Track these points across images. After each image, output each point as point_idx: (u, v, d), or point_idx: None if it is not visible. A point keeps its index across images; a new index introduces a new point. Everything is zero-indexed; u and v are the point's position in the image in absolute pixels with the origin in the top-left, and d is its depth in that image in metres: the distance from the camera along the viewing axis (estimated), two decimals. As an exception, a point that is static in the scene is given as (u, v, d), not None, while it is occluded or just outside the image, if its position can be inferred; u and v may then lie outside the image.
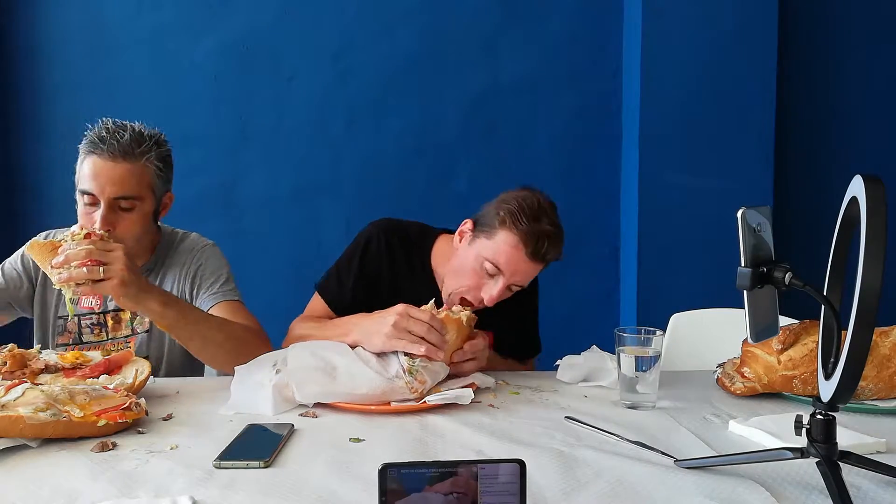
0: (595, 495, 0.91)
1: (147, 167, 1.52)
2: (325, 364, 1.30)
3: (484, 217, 1.53)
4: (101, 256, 1.26)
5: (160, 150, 1.56)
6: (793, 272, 0.89)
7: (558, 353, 1.58)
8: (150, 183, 1.54)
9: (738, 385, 1.36)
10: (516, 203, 1.48)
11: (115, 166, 1.48)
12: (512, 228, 1.47)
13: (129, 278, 1.28)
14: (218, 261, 1.69)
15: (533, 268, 1.51)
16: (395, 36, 2.84)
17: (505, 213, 1.48)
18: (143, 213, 1.54)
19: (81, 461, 1.01)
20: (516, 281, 1.51)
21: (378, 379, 1.27)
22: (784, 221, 2.78)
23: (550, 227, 1.48)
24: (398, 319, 1.33)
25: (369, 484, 0.92)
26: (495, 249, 1.48)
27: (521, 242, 1.46)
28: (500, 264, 1.48)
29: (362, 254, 1.65)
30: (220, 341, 1.43)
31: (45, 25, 2.77)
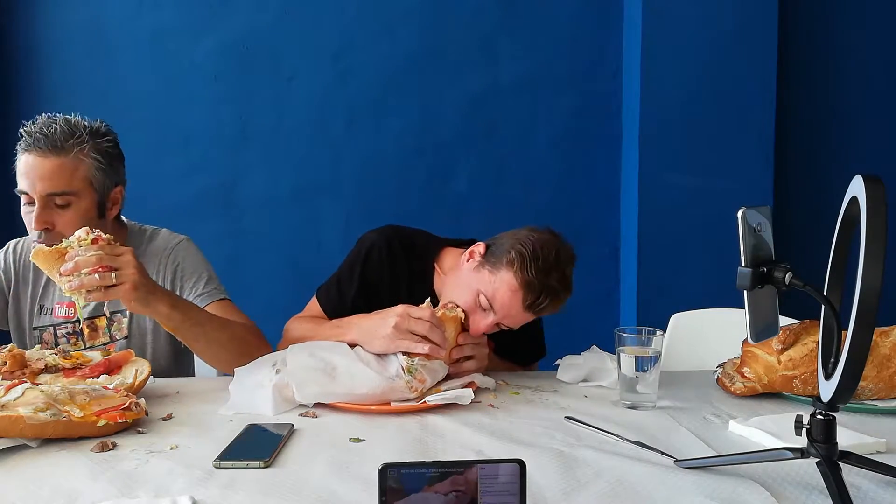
0: (595, 495, 0.91)
1: (82, 160, 1.45)
2: (325, 364, 1.30)
3: (496, 248, 1.46)
4: (112, 262, 1.23)
5: (98, 142, 1.48)
6: (793, 272, 0.89)
7: (558, 353, 1.58)
8: (87, 176, 1.46)
9: (739, 385, 1.36)
10: (531, 248, 1.40)
11: (45, 161, 1.42)
12: (517, 274, 1.39)
13: (140, 281, 1.25)
14: (195, 257, 1.62)
15: (526, 316, 1.44)
16: (395, 36, 2.84)
17: (516, 254, 1.40)
18: (82, 210, 1.46)
19: (81, 461, 1.01)
20: (507, 323, 1.45)
21: (378, 379, 1.27)
22: (784, 221, 2.78)
23: (557, 284, 1.41)
24: (399, 321, 1.32)
25: (369, 484, 0.92)
26: (494, 287, 1.41)
27: (521, 290, 1.39)
28: (495, 304, 1.41)
29: (364, 262, 1.61)
30: (224, 341, 1.42)
31: (45, 25, 2.77)
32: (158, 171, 2.79)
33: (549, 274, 1.40)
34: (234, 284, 1.73)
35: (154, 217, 1.76)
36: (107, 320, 1.59)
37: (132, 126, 2.77)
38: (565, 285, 1.44)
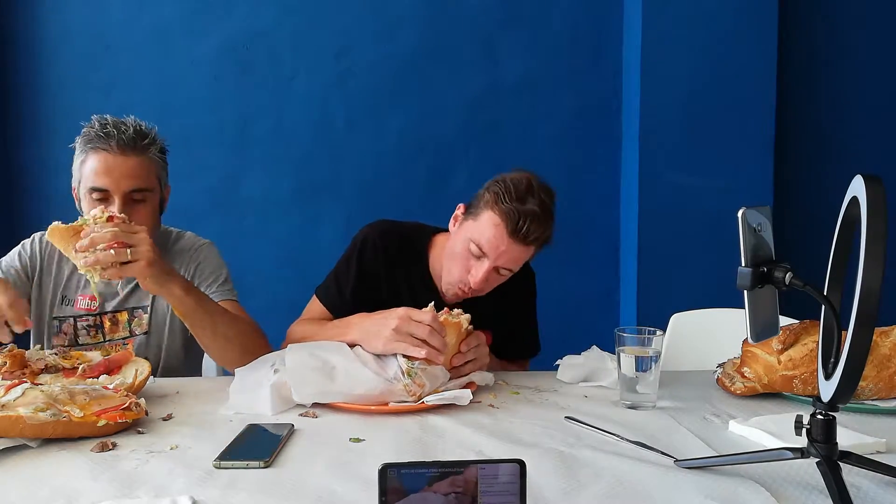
0: (595, 495, 0.91)
1: (153, 159, 1.56)
2: (323, 364, 1.30)
3: (474, 199, 1.53)
4: (127, 238, 1.27)
5: (159, 143, 1.59)
6: (793, 272, 0.89)
7: (558, 353, 1.58)
8: (157, 174, 1.58)
9: (739, 385, 1.36)
10: (503, 184, 1.47)
11: (126, 160, 1.50)
12: (494, 207, 1.45)
13: (155, 259, 1.30)
14: (216, 260, 1.69)
15: (517, 249, 1.46)
16: (395, 36, 2.84)
17: (490, 193, 1.47)
18: (154, 205, 1.57)
19: (81, 461, 1.01)
20: (502, 263, 1.48)
21: (376, 380, 1.27)
22: (784, 221, 2.79)
23: (536, 207, 1.44)
24: (399, 323, 1.32)
25: (369, 484, 0.93)
26: (479, 230, 1.46)
27: (502, 221, 1.44)
28: (483, 245, 1.46)
29: (359, 256, 1.64)
30: (231, 336, 1.44)
31: (46, 26, 2.77)
32: (158, 171, 2.80)
33: (525, 200, 1.44)
34: (234, 284, 1.73)
35: (154, 217, 1.76)
36: (128, 315, 1.63)
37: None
38: (544, 208, 1.46)
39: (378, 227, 1.67)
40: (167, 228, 1.73)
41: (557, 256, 2.94)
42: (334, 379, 1.27)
